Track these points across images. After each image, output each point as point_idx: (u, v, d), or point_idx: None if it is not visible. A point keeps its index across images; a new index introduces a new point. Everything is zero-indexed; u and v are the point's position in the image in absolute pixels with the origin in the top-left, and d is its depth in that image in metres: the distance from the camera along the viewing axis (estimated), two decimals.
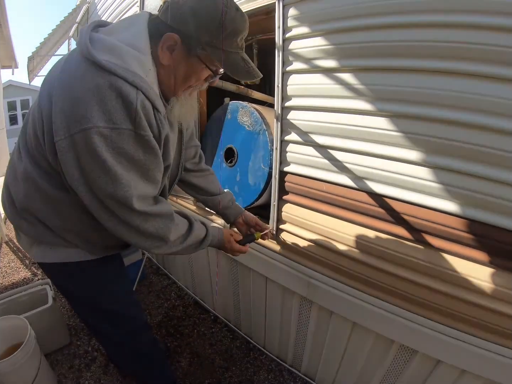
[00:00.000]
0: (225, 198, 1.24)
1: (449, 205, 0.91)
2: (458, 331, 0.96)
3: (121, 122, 0.65)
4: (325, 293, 1.24)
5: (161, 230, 0.80)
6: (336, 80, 1.06)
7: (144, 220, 0.77)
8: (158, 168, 0.77)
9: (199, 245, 0.95)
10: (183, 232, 0.88)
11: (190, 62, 0.76)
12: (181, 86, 0.81)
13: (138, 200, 0.73)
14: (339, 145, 1.10)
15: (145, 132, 0.68)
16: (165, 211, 0.81)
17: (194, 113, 0.96)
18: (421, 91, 0.90)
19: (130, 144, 0.68)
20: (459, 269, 0.93)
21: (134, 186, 0.71)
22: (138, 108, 0.65)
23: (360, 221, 1.09)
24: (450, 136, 0.88)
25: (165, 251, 0.85)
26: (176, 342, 1.88)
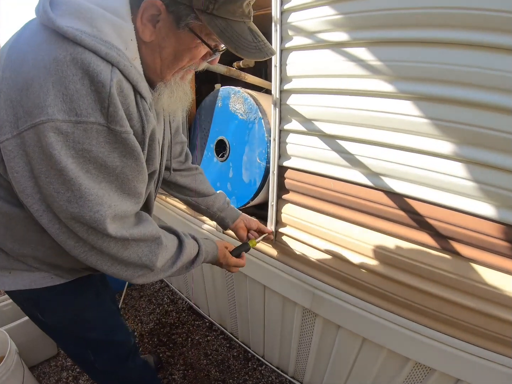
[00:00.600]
0: (219, 199, 1.09)
1: (484, 207, 0.77)
2: (489, 351, 0.85)
3: (88, 114, 0.48)
4: (332, 306, 1.10)
5: (145, 257, 0.64)
6: (346, 56, 0.88)
7: (123, 246, 0.61)
8: (140, 176, 0.60)
9: (190, 265, 0.80)
10: (172, 253, 0.73)
11: (180, 37, 0.58)
12: (170, 68, 0.63)
13: (114, 222, 0.57)
14: (350, 134, 0.92)
15: (121, 128, 0.51)
16: (150, 234, 0.65)
17: (187, 102, 0.74)
18: (456, 68, 0.72)
19: (101, 144, 0.51)
20: (492, 283, 0.79)
21: (107, 204, 0.54)
22: (112, 92, 0.48)
23: (374, 225, 0.93)
24: (489, 124, 0.72)
25: (150, 279, 0.70)
26: (169, 352, 1.75)
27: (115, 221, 0.57)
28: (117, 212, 0.56)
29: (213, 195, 1.08)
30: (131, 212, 0.61)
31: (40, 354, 1.67)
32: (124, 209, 0.58)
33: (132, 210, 0.61)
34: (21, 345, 1.49)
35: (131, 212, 0.61)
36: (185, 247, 0.75)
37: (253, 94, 1.19)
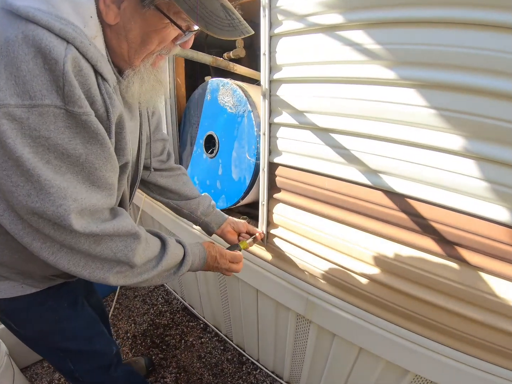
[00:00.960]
0: (204, 202, 1.00)
1: (495, 210, 0.68)
2: (497, 367, 0.77)
3: (42, 96, 0.43)
4: (327, 313, 1.02)
5: (121, 252, 0.59)
6: (340, 40, 0.79)
7: (95, 242, 0.55)
8: (109, 165, 0.54)
9: (177, 270, 0.73)
10: (156, 253, 0.67)
11: (146, 17, 0.53)
12: (138, 53, 0.58)
13: (81, 217, 0.52)
14: (346, 127, 0.83)
15: (80, 109, 0.46)
16: (124, 229, 0.59)
17: (163, 92, 0.69)
18: (466, 51, 0.63)
19: (61, 130, 0.46)
20: (502, 294, 0.72)
21: (71, 197, 0.49)
22: (66, 69, 0.43)
23: (373, 228, 0.85)
24: (504, 115, 0.63)
25: (132, 280, 0.64)
26: (162, 354, 1.70)
27: (83, 216, 0.52)
28: (85, 206, 0.51)
29: (196, 198, 0.99)
30: (102, 206, 0.55)
31: (32, 356, 1.62)
32: (94, 202, 0.52)
33: (104, 204, 0.55)
34: (12, 346, 1.45)
35: (102, 206, 0.55)
36: (169, 246, 0.69)
37: (242, 86, 1.10)
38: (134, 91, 0.62)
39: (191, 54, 1.01)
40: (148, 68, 0.62)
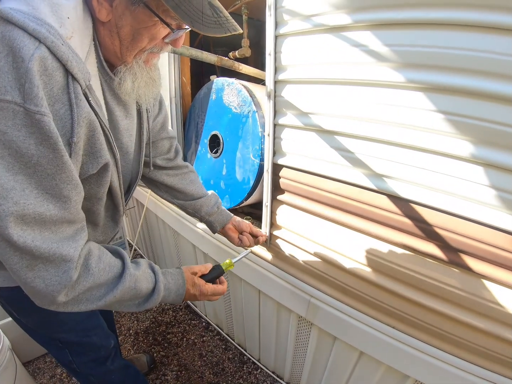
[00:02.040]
0: (209, 202, 1.00)
1: (501, 217, 0.67)
2: (499, 376, 0.76)
3: (5, 91, 0.43)
4: (328, 316, 1.02)
5: (53, 286, 0.53)
6: (347, 41, 0.78)
7: (28, 266, 0.50)
8: (63, 174, 0.50)
9: (140, 305, 0.67)
10: (103, 281, 0.60)
11: (136, 15, 0.54)
12: (130, 50, 0.59)
13: (22, 224, 0.47)
14: (352, 130, 0.82)
15: (36, 107, 0.45)
16: (61, 254, 0.52)
17: (156, 89, 0.70)
18: (478, 55, 0.61)
19: (18, 127, 0.45)
20: (506, 303, 0.70)
21: (13, 199, 0.45)
22: (30, 67, 0.43)
23: (376, 233, 0.84)
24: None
25: (74, 308, 0.60)
26: (163, 352, 1.71)
27: (27, 223, 0.48)
28: (28, 213, 0.47)
29: (201, 199, 0.99)
30: (53, 218, 0.50)
31: (34, 350, 1.66)
32: (41, 211, 0.48)
33: (55, 216, 0.50)
34: (15, 341, 1.47)
35: (52, 217, 0.50)
36: (125, 280, 0.62)
37: (247, 86, 1.10)
38: (127, 87, 0.63)
39: (196, 54, 1.01)
40: (141, 65, 0.63)
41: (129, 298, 0.65)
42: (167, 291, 0.71)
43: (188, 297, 0.76)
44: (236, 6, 1.43)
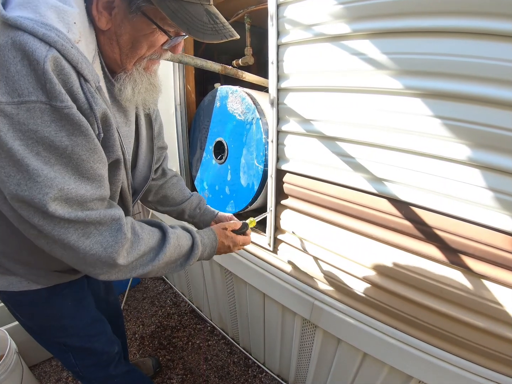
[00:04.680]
0: (190, 205, 1.02)
1: (499, 218, 0.69)
2: (499, 374, 0.77)
3: (29, 93, 0.47)
4: (332, 318, 1.03)
5: (111, 248, 0.58)
6: (347, 50, 0.81)
7: (85, 234, 0.56)
8: (95, 155, 0.55)
9: (184, 262, 0.73)
10: (151, 246, 0.66)
11: (135, 23, 0.57)
12: (130, 57, 0.62)
13: (68, 206, 0.53)
14: (353, 136, 0.85)
15: (63, 103, 0.48)
16: (111, 217, 0.59)
17: (157, 94, 0.72)
18: (471, 61, 0.64)
19: (47, 123, 0.48)
20: (505, 302, 0.72)
21: (57, 186, 0.51)
22: (46, 68, 0.46)
23: (377, 235, 0.86)
24: (508, 124, 0.63)
25: (125, 275, 0.64)
26: (169, 356, 1.72)
27: (71, 205, 0.53)
28: (72, 196, 0.53)
29: (183, 203, 1.01)
30: (92, 197, 0.56)
31: (41, 354, 1.67)
32: (82, 193, 0.54)
33: (93, 194, 0.56)
34: (22, 344, 1.50)
35: (92, 196, 0.56)
36: (169, 239, 0.68)
37: (251, 93, 1.13)
38: (127, 94, 0.65)
39: (200, 63, 1.04)
40: (141, 72, 0.65)
41: (175, 258, 0.70)
42: (203, 246, 0.77)
43: (223, 248, 0.83)
44: (239, 15, 1.47)
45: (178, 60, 1.01)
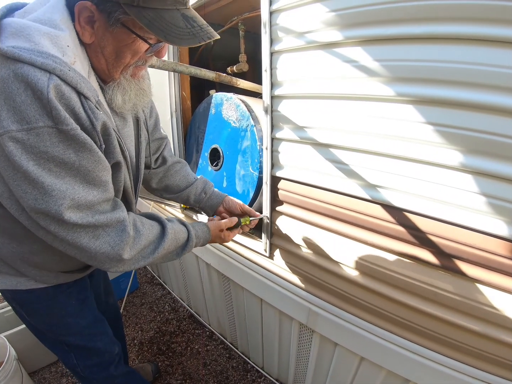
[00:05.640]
0: (195, 190, 1.03)
1: (491, 223, 0.70)
2: (494, 376, 0.78)
3: (36, 120, 0.52)
4: (329, 323, 1.04)
5: (118, 246, 0.66)
6: (340, 57, 0.82)
7: (95, 236, 0.64)
8: (100, 166, 0.62)
9: (181, 251, 0.81)
10: (152, 239, 0.73)
11: (115, 34, 0.60)
12: (115, 67, 0.65)
13: (79, 211, 0.61)
14: (346, 143, 0.86)
15: (68, 126, 0.54)
16: (117, 219, 0.66)
17: (147, 98, 0.77)
18: (462, 67, 0.65)
19: (55, 144, 0.55)
20: (499, 305, 0.73)
21: (70, 197, 0.58)
22: (50, 97, 0.51)
23: (372, 241, 0.87)
24: (499, 129, 0.64)
25: (131, 267, 0.72)
26: (168, 361, 1.72)
27: (81, 210, 0.60)
28: (82, 202, 0.60)
29: (187, 189, 1.02)
30: (99, 200, 0.63)
31: (40, 360, 1.68)
32: (90, 198, 0.61)
33: (100, 198, 0.63)
34: (21, 351, 1.50)
35: (99, 200, 0.63)
36: (168, 233, 0.75)
37: (245, 100, 1.14)
38: (118, 102, 0.69)
39: (195, 71, 1.05)
40: (129, 79, 0.69)
41: (172, 249, 0.78)
42: (197, 239, 0.85)
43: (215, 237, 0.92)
44: (233, 22, 1.48)
45: (172, 69, 1.02)
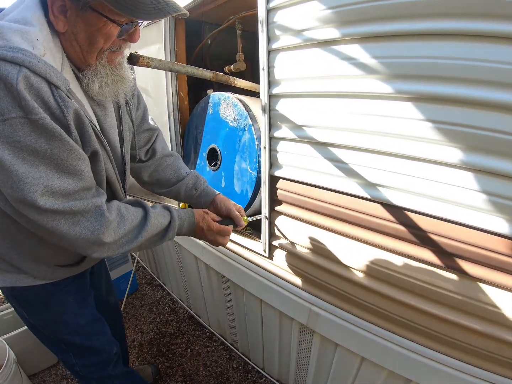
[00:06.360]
0: (186, 185, 0.99)
1: (493, 221, 0.69)
2: (497, 376, 0.77)
3: (9, 111, 0.54)
4: (329, 323, 1.03)
5: (98, 231, 0.67)
6: (337, 55, 0.81)
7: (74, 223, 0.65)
8: (74, 155, 0.63)
9: (164, 236, 0.80)
10: (135, 224, 0.74)
11: (86, 19, 0.62)
12: (90, 53, 0.66)
13: (54, 199, 0.62)
14: (345, 141, 0.85)
15: (37, 116, 0.56)
16: (94, 204, 0.67)
17: (127, 85, 0.76)
18: (461, 63, 0.64)
19: (27, 134, 0.57)
20: (502, 304, 0.72)
21: (43, 184, 0.59)
22: (19, 88, 0.54)
23: (372, 240, 0.86)
24: (500, 126, 0.63)
25: (114, 252, 0.72)
26: (168, 363, 1.71)
27: (57, 198, 0.61)
28: (57, 190, 0.61)
29: (178, 184, 0.99)
30: (75, 189, 0.64)
31: (40, 363, 1.67)
32: (65, 186, 0.62)
33: (76, 187, 0.64)
34: (21, 354, 1.49)
35: (74, 188, 0.64)
36: (150, 217, 0.75)
37: (243, 100, 1.13)
38: (94, 88, 0.70)
39: (191, 70, 1.04)
40: (105, 65, 0.70)
41: (156, 232, 0.77)
42: (180, 221, 0.83)
43: (198, 229, 0.86)
44: (231, 21, 1.47)
45: (169, 68, 1.01)
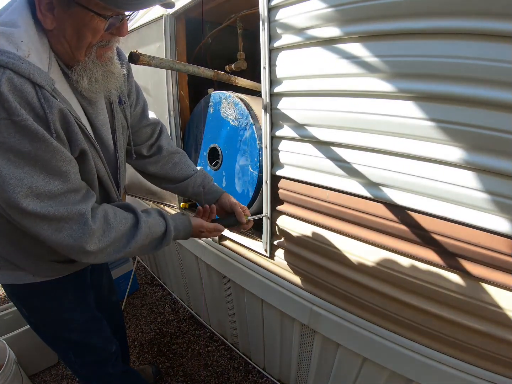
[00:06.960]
0: (193, 183, 0.99)
1: (496, 221, 0.68)
2: (499, 376, 0.76)
3: None
4: (331, 323, 1.03)
5: (80, 239, 0.65)
6: (339, 53, 0.81)
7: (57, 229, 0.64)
8: (58, 156, 0.62)
9: (157, 245, 0.79)
10: (123, 233, 0.72)
11: (73, 15, 0.61)
12: (78, 48, 0.65)
13: (39, 201, 0.61)
14: (346, 140, 0.84)
15: (19, 117, 0.56)
16: (78, 212, 0.65)
17: (116, 81, 0.75)
18: (463, 62, 0.63)
19: (12, 135, 0.56)
20: (504, 304, 0.71)
21: (27, 185, 0.59)
22: (2, 90, 0.54)
23: (374, 240, 0.85)
24: (503, 126, 0.63)
25: (102, 259, 0.71)
26: (168, 363, 1.71)
27: (42, 200, 0.60)
28: (41, 192, 0.60)
29: (186, 180, 0.99)
30: (61, 191, 0.63)
31: (40, 363, 1.67)
32: (50, 188, 0.61)
33: (62, 189, 0.63)
34: (21, 354, 1.49)
35: (60, 190, 0.63)
36: (141, 227, 0.73)
37: (244, 99, 1.12)
38: (84, 84, 0.69)
39: (192, 69, 1.03)
40: (94, 61, 0.69)
41: (148, 242, 0.76)
42: (176, 231, 0.81)
43: (192, 236, 0.88)
44: (231, 20, 1.46)
45: (169, 67, 1.00)
